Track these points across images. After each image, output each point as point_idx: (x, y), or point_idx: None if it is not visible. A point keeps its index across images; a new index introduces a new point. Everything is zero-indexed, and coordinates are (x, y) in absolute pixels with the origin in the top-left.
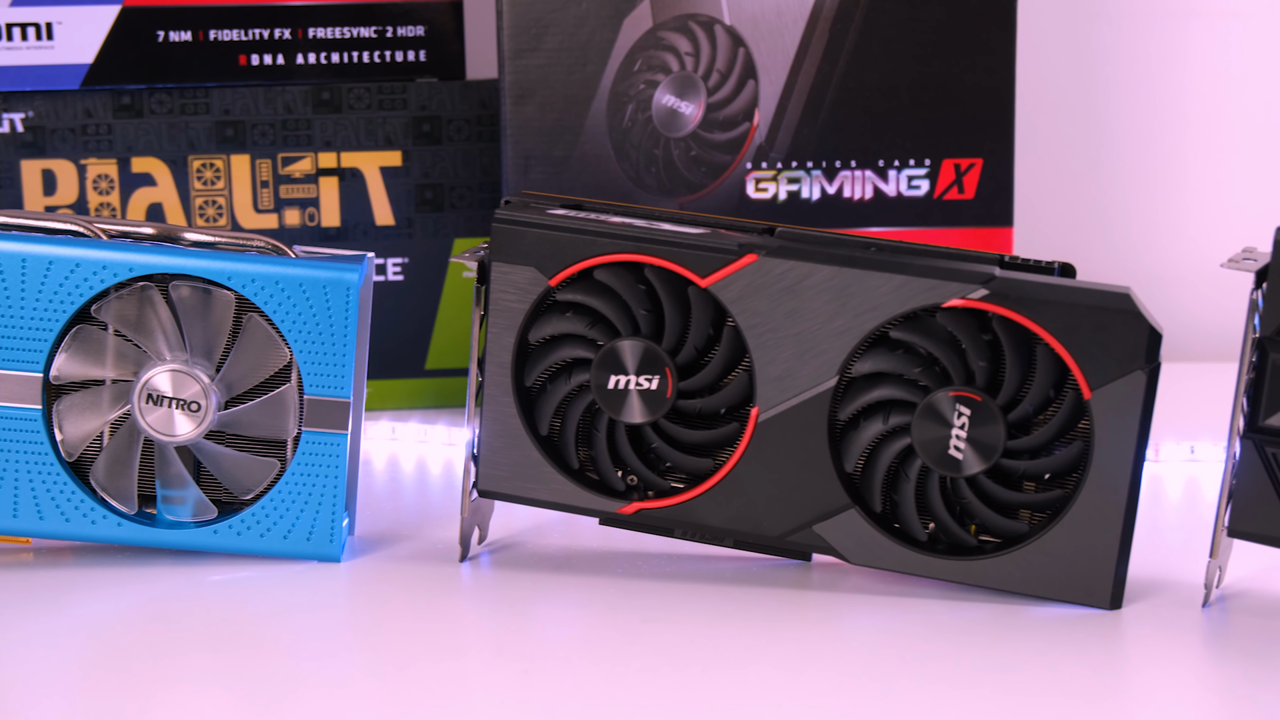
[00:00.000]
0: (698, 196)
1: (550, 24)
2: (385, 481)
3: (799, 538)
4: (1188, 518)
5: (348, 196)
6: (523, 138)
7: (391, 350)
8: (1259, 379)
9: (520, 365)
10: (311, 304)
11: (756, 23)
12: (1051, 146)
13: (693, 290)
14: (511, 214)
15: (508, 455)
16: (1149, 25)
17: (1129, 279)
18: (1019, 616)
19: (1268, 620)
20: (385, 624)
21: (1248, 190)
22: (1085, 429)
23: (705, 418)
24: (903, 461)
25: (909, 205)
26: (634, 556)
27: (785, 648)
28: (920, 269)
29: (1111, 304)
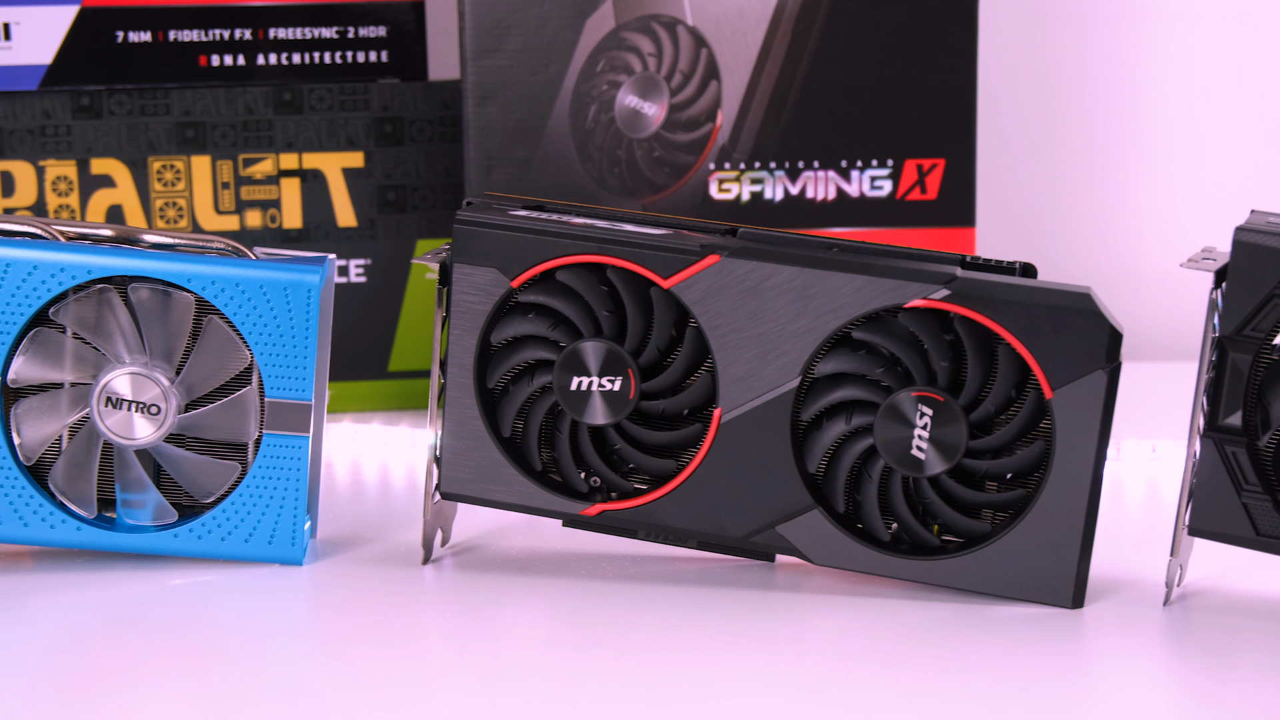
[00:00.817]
0: (661, 197)
1: (512, 25)
2: (348, 484)
3: (762, 538)
4: (1149, 517)
5: (309, 198)
6: (485, 139)
7: (354, 352)
8: (1219, 378)
9: (482, 367)
10: (272, 306)
11: (719, 23)
12: (1013, 147)
13: (655, 291)
14: (473, 215)
15: (470, 457)
16: (1109, 26)
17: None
18: (982, 616)
19: (1228, 618)
20: (348, 627)
21: (1207, 190)
22: (1047, 428)
23: (668, 419)
24: (865, 462)
25: (872, 206)
26: (598, 558)
27: (749, 648)
28: (882, 269)
29: (1072, 304)
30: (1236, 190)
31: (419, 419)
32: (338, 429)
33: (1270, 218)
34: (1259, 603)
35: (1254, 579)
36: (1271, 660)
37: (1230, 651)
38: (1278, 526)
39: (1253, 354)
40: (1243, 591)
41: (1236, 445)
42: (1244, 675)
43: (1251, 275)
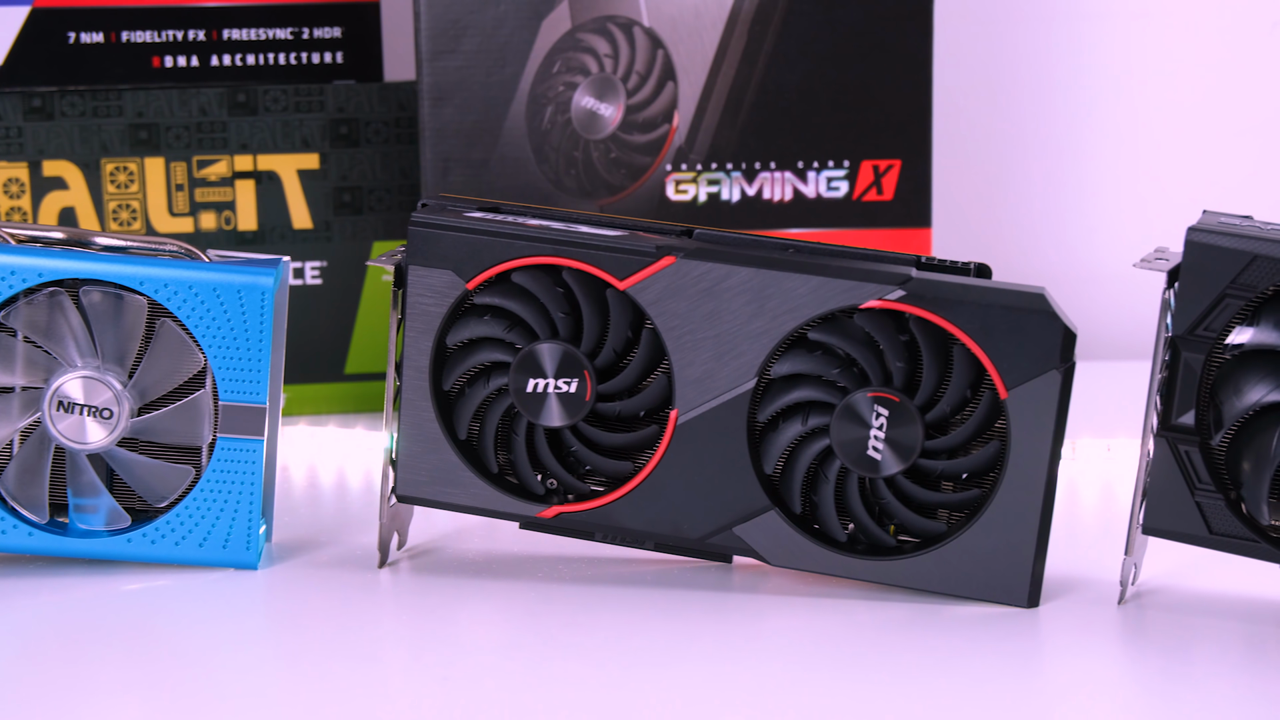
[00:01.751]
0: (618, 198)
1: (468, 26)
2: (304, 487)
3: (719, 540)
4: (1104, 516)
5: (264, 199)
6: (441, 140)
7: (310, 354)
8: (1171, 378)
9: (438, 369)
10: (226, 309)
11: (675, 24)
12: (969, 148)
13: (611, 293)
14: (428, 217)
15: (426, 460)
16: (1063, 27)
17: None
18: (938, 616)
19: (1182, 617)
20: (303, 631)
21: (1160, 190)
22: (1002, 428)
23: (624, 420)
24: (822, 462)
25: (828, 206)
26: (554, 560)
27: (706, 649)
28: (838, 270)
29: (1026, 304)
30: (1189, 190)
31: (375, 421)
32: (294, 432)
33: (1222, 218)
34: (1212, 601)
35: (1207, 577)
36: (1225, 657)
37: (1184, 649)
38: (1231, 525)
39: (1205, 353)
40: (1196, 590)
41: (1190, 444)
42: (1198, 673)
43: (1204, 275)
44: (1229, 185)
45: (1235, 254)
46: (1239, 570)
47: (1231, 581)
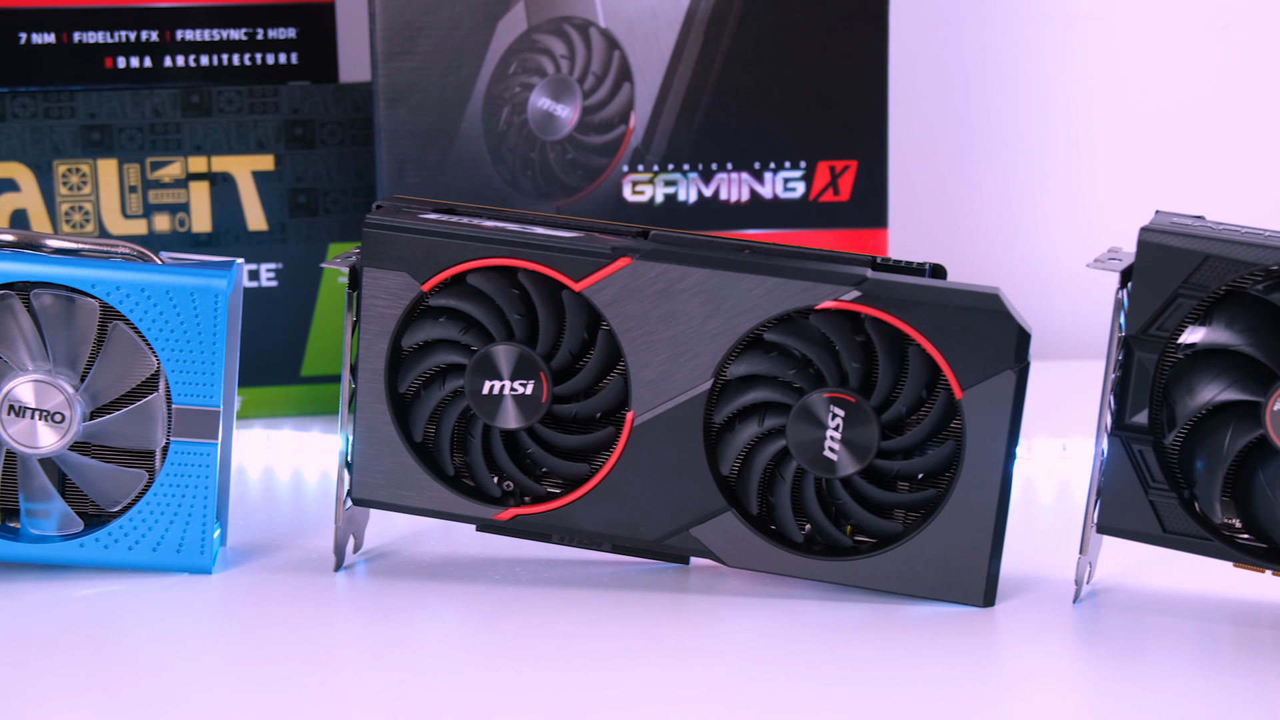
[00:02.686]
0: (574, 199)
1: (423, 26)
2: (259, 491)
3: (676, 541)
4: (1059, 515)
5: (219, 201)
6: (397, 141)
7: (266, 357)
8: (1125, 377)
9: (394, 371)
10: (179, 311)
11: (631, 26)
12: (925, 149)
13: (566, 294)
14: (383, 218)
15: (382, 462)
16: (1018, 28)
17: (1000, 279)
18: (894, 616)
19: (1136, 615)
20: (257, 636)
21: (1113, 191)
22: (957, 428)
23: (581, 422)
24: (778, 463)
25: (785, 207)
26: (512, 563)
27: (663, 651)
28: (793, 271)
29: (981, 304)
30: (1142, 191)
31: (332, 424)
32: (249, 435)
33: (1174, 218)
34: (1166, 599)
35: (1161, 575)
36: (1179, 655)
37: (1138, 647)
38: (1184, 524)
39: (1158, 353)
40: (1150, 588)
41: (1143, 443)
42: (1152, 671)
43: (1156, 275)
44: (1181, 186)
45: (1187, 254)
46: (1192, 568)
47: (1185, 579)
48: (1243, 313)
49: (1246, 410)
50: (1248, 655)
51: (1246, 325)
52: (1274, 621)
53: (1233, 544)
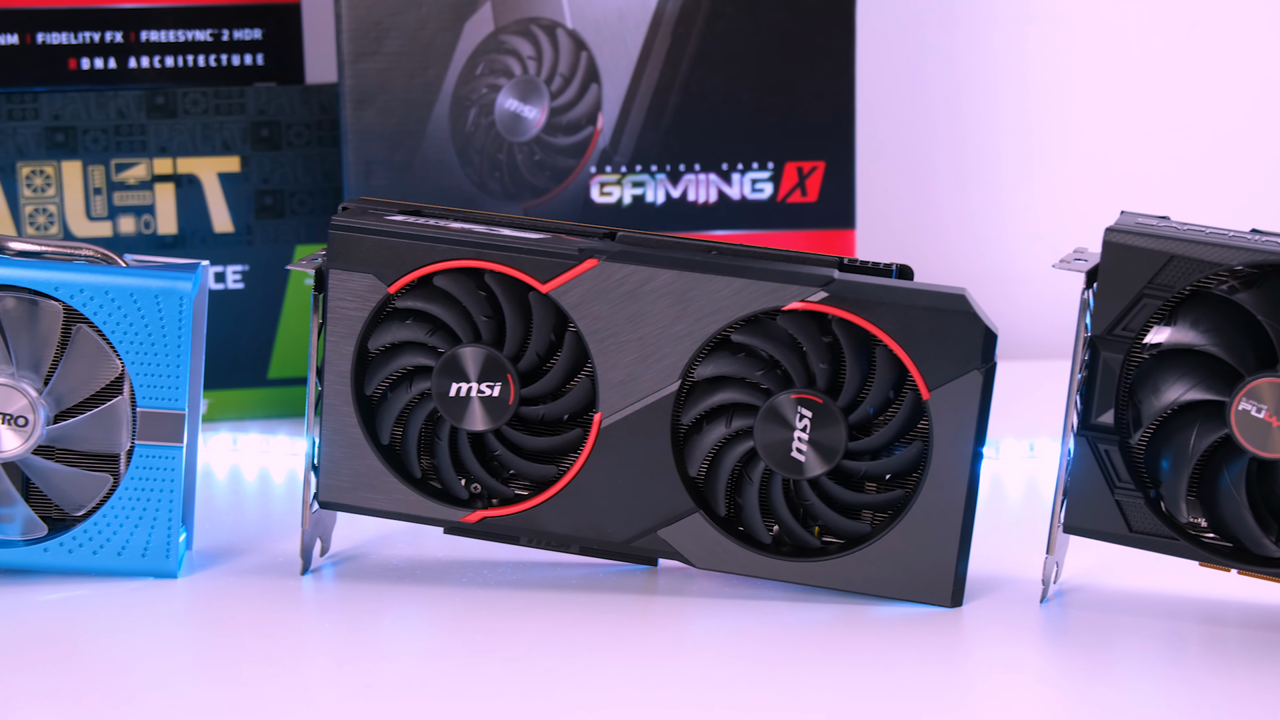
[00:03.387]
0: (542, 201)
1: (390, 27)
2: (226, 494)
3: (644, 543)
4: (1027, 514)
5: (185, 203)
6: (364, 143)
7: (233, 359)
8: (1091, 377)
9: (360, 374)
10: (143, 314)
11: (599, 27)
12: (892, 149)
13: (533, 296)
14: (348, 220)
15: (348, 465)
16: (984, 30)
17: (966, 280)
18: (862, 616)
19: (1103, 614)
20: (224, 640)
21: (1079, 191)
22: (924, 429)
23: (548, 424)
24: (746, 465)
25: (753, 208)
26: (480, 565)
27: (631, 653)
28: (760, 272)
29: (947, 305)
30: (1107, 191)
31: (299, 427)
32: (216, 437)
33: (1139, 218)
34: (1133, 598)
35: (1128, 575)
36: (1145, 655)
37: (1106, 647)
38: (1150, 523)
39: (1124, 353)
40: (1117, 587)
41: (1109, 443)
42: (1119, 670)
43: (1121, 275)
44: (1147, 186)
45: (1152, 254)
46: (1159, 568)
47: (1152, 579)
48: (1207, 313)
49: (1211, 410)
50: (1214, 654)
51: (1211, 325)
52: (1240, 620)
53: (1199, 543)
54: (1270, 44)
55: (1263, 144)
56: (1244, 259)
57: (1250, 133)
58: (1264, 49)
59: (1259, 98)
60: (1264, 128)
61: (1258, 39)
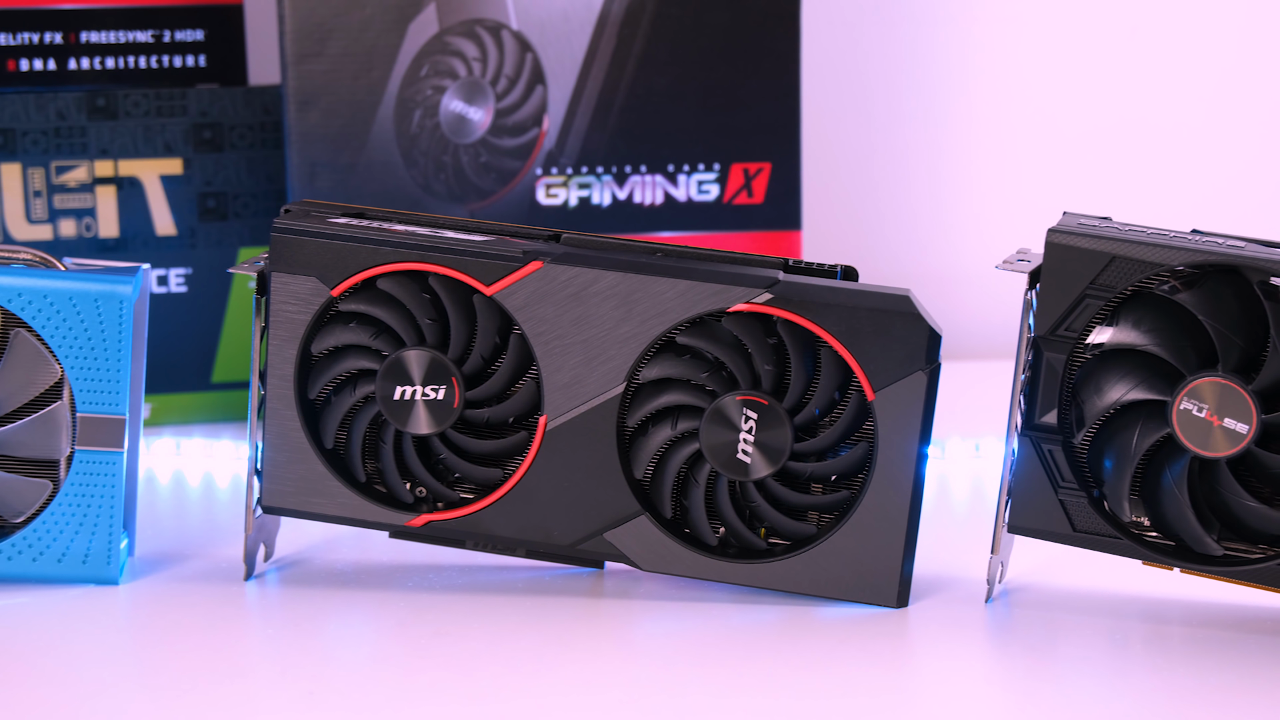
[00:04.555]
0: (488, 203)
1: (334, 29)
2: (169, 499)
3: (590, 546)
4: (973, 515)
5: (126, 206)
6: (308, 145)
7: (176, 363)
8: (1034, 377)
9: (303, 377)
10: (83, 318)
11: (544, 28)
12: (838, 151)
13: (478, 298)
14: (291, 223)
15: (292, 470)
16: (927, 31)
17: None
18: (809, 618)
19: (1048, 613)
20: (166, 647)
21: (1022, 192)
22: (870, 430)
23: (493, 427)
24: (692, 467)
25: (699, 210)
26: (426, 569)
27: (577, 657)
28: (705, 274)
29: (892, 306)
30: (1050, 192)
31: (243, 431)
32: (159, 442)
33: (1081, 219)
34: (1077, 597)
35: (1072, 574)
36: (1089, 653)
37: (1050, 646)
38: (1093, 522)
39: (1067, 353)
40: (1061, 586)
41: (1053, 443)
42: (1063, 669)
43: (1064, 276)
44: (1089, 187)
45: (1094, 255)
46: (1103, 566)
47: (1095, 578)
48: (1149, 313)
49: (1154, 409)
50: (1157, 652)
51: (1153, 325)
52: (1183, 618)
53: (1141, 542)
54: (1210, 46)
55: (1204, 145)
56: (1185, 259)
57: (1191, 134)
58: (1205, 51)
59: (1200, 99)
60: (1205, 129)
61: (1199, 41)
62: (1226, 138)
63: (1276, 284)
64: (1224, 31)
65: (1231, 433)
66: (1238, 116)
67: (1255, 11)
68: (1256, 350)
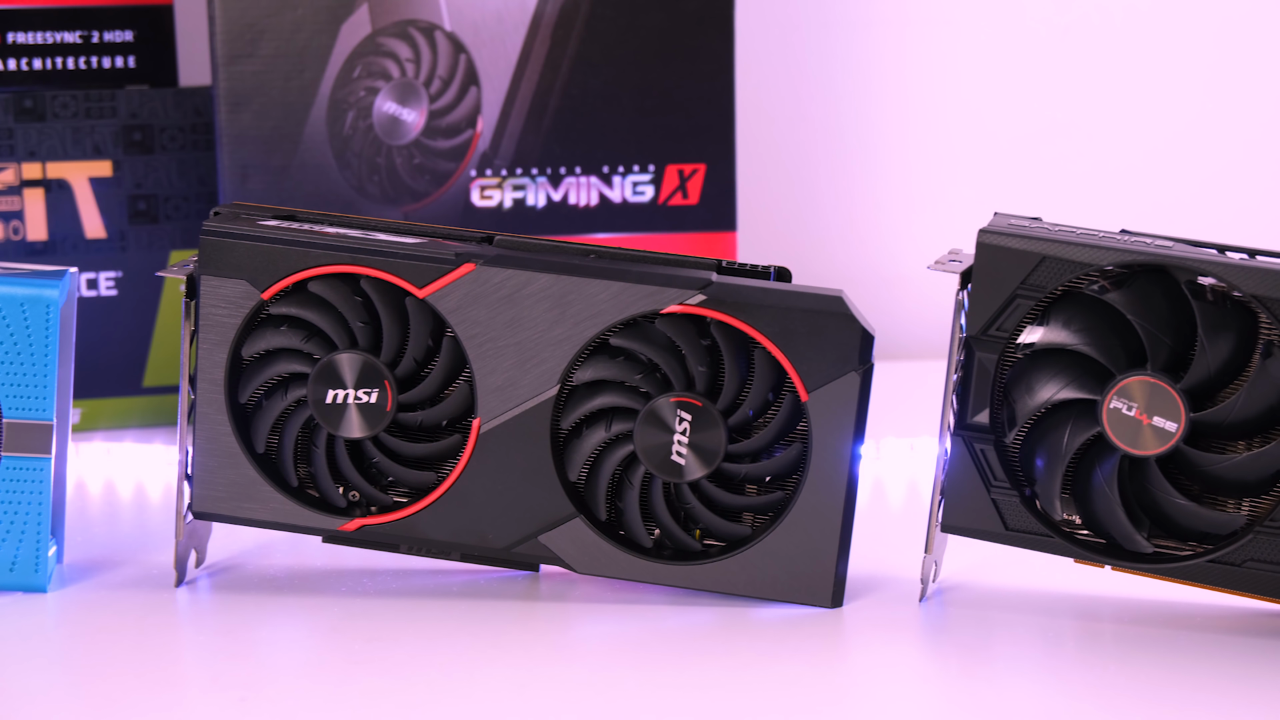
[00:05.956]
0: (422, 205)
1: (265, 29)
2: (100, 505)
3: (525, 548)
4: (908, 514)
5: (55, 209)
6: (239, 146)
7: (106, 367)
8: (966, 377)
9: (234, 381)
10: (8, 323)
11: (478, 29)
12: (772, 152)
13: (410, 301)
14: (220, 225)
15: (223, 475)
16: (860, 33)
17: (845, 282)
18: (744, 619)
19: (981, 612)
20: (95, 655)
21: (955, 193)
22: (803, 431)
23: (427, 430)
24: (626, 469)
25: (634, 211)
26: (360, 574)
27: (512, 660)
28: (638, 275)
29: (824, 307)
30: (983, 193)
31: (175, 435)
32: (89, 447)
33: (1012, 219)
34: (1010, 596)
35: (1005, 572)
36: (1022, 651)
37: (983, 644)
38: (1026, 521)
39: (998, 353)
40: (995, 585)
41: (985, 443)
42: (997, 667)
43: (995, 276)
44: (1021, 187)
45: (1025, 255)
46: (1035, 565)
47: (1028, 576)
48: (1079, 312)
49: (1084, 408)
50: (1089, 649)
51: (1083, 325)
52: (1114, 615)
53: (1073, 540)
54: (1140, 48)
55: (1132, 146)
56: (1114, 259)
57: (1120, 135)
58: (1134, 53)
59: (1127, 101)
60: (1133, 130)
61: (1128, 43)
62: (1154, 138)
63: (1204, 283)
64: (1153, 34)
65: (1161, 431)
66: (1165, 117)
67: (1183, 14)
68: (1185, 349)
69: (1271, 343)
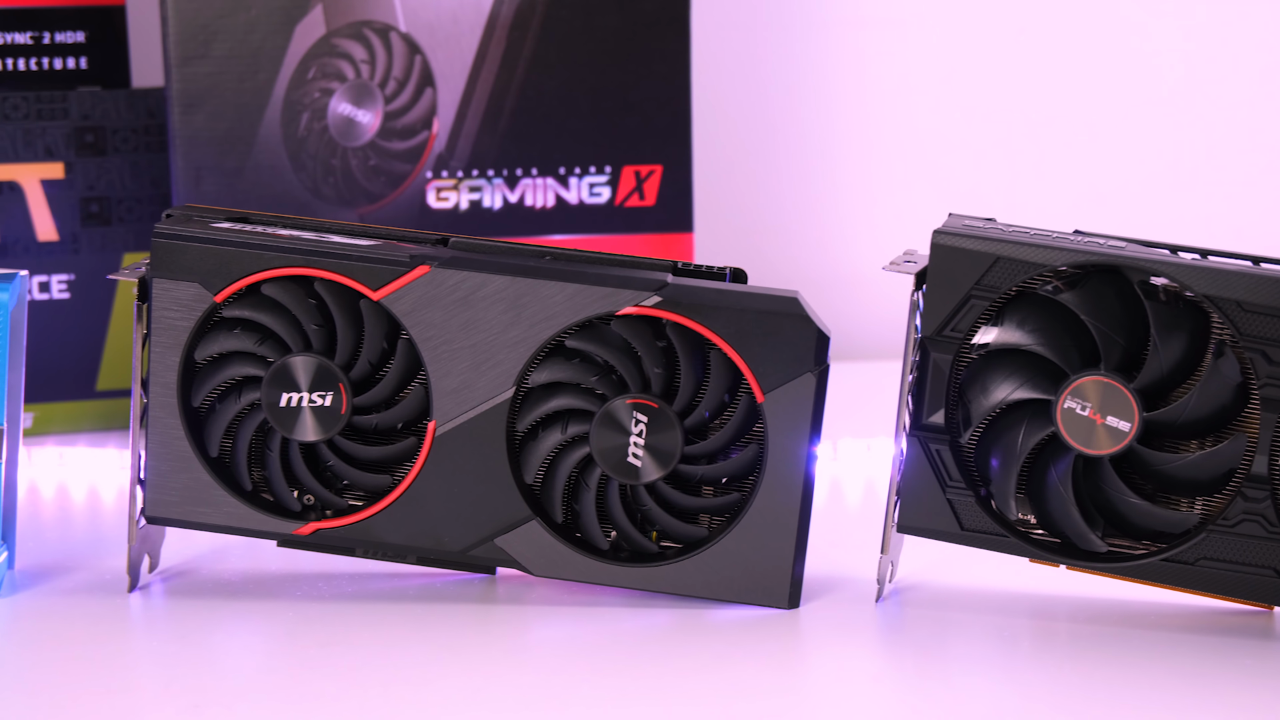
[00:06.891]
0: (378, 207)
1: (218, 30)
2: (52, 510)
3: (482, 551)
4: (865, 515)
5: (6, 211)
6: (193, 148)
7: (59, 371)
8: (921, 378)
9: (187, 385)
10: None
11: (433, 30)
12: (728, 153)
13: (365, 303)
14: (172, 228)
15: (176, 479)
16: (816, 34)
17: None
18: (701, 621)
19: (937, 612)
20: (45, 662)
21: (910, 193)
22: (759, 432)
23: (382, 433)
24: (582, 471)
25: (591, 212)
26: (316, 578)
27: (468, 664)
28: (594, 277)
29: (780, 308)
30: (939, 194)
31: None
32: (41, 452)
33: (967, 220)
34: (966, 595)
35: (961, 572)
36: (977, 651)
37: (940, 644)
38: (981, 521)
39: (953, 354)
40: (950, 585)
41: (940, 443)
42: (953, 667)
43: (949, 277)
44: (975, 188)
45: (979, 256)
46: (991, 565)
47: (984, 576)
48: (1033, 313)
49: (1039, 408)
50: (1044, 648)
51: (1037, 325)
52: (1069, 614)
53: (1028, 540)
54: (1094, 49)
55: (1086, 147)
56: (1067, 260)
57: (1074, 136)
58: (1088, 54)
59: (1082, 102)
60: (1087, 131)
61: (1083, 45)
62: (1109, 139)
63: (1156, 284)
64: (1107, 35)
65: (1114, 430)
66: (1118, 118)
67: (1134, 14)
68: (1138, 349)
69: (1223, 342)
